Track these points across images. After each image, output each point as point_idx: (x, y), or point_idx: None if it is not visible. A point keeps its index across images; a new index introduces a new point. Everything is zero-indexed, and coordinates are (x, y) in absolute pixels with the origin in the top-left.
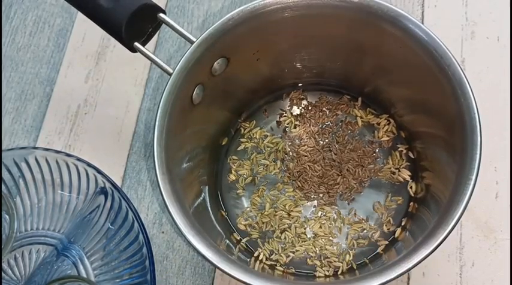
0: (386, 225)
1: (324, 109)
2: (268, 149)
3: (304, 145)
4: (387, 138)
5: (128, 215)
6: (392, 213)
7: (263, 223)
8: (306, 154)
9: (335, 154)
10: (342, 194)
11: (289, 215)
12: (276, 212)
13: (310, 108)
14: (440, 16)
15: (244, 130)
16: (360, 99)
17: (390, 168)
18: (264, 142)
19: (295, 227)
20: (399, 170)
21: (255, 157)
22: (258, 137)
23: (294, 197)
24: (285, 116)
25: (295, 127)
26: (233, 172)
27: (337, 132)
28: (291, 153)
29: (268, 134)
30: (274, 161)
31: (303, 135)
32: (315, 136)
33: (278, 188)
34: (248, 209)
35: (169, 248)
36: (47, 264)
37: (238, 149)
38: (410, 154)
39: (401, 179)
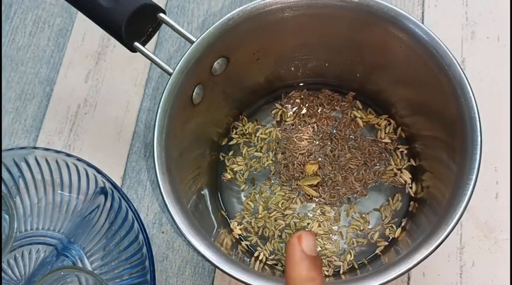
0: (389, 229)
1: (323, 103)
2: (261, 141)
3: (300, 132)
4: (390, 140)
5: (127, 215)
6: (395, 217)
7: (258, 227)
8: (300, 141)
9: (335, 148)
10: (342, 196)
11: (283, 214)
12: (270, 214)
13: (311, 98)
14: (440, 16)
15: (237, 129)
16: (357, 101)
17: (393, 169)
18: (257, 134)
19: (295, 223)
20: (401, 171)
21: (247, 151)
22: (250, 131)
23: (285, 194)
24: (278, 108)
25: (290, 117)
26: (228, 170)
27: (338, 126)
28: (283, 142)
29: (260, 126)
30: (266, 152)
31: (298, 125)
32: (313, 126)
33: (269, 182)
34: (240, 214)
35: (169, 248)
36: (47, 264)
37: (230, 143)
38: (412, 162)
39: (403, 181)
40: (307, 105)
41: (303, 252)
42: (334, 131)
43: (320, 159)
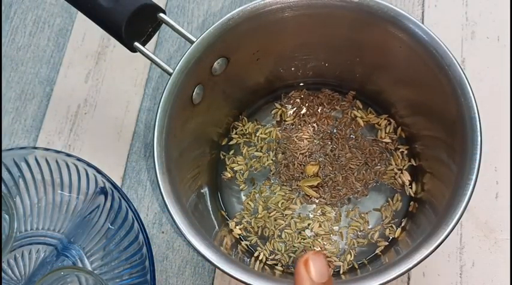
0: (389, 229)
1: (323, 102)
2: (261, 141)
3: (300, 132)
4: (391, 140)
5: (127, 215)
6: (395, 217)
7: (258, 227)
8: (301, 141)
9: (335, 148)
10: (343, 197)
11: (283, 214)
12: (269, 213)
13: (311, 98)
14: (440, 16)
15: (237, 129)
16: (357, 101)
17: (393, 169)
18: (257, 134)
19: (295, 223)
20: (402, 172)
21: (247, 150)
22: (250, 131)
23: (285, 194)
24: (278, 108)
25: (290, 116)
26: (228, 169)
27: (338, 126)
28: (283, 142)
29: (260, 126)
30: (267, 152)
31: (298, 124)
32: (313, 125)
33: (269, 182)
34: (240, 214)
35: (169, 248)
36: (47, 264)
37: (231, 143)
38: (412, 162)
39: (401, 182)
40: (307, 104)
41: (311, 281)
42: (335, 131)
43: (321, 159)
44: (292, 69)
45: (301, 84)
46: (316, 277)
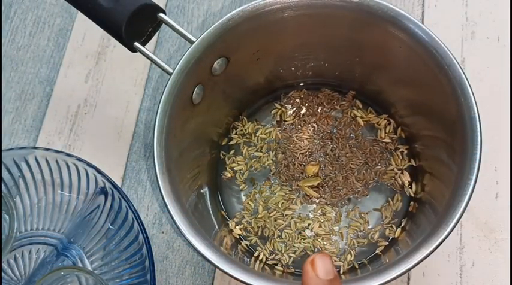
0: (389, 229)
1: (323, 102)
2: (261, 141)
3: (300, 132)
4: (391, 140)
5: (127, 215)
6: (395, 217)
7: (258, 227)
8: (301, 141)
9: (335, 148)
10: (343, 197)
11: (283, 214)
12: (269, 213)
13: (311, 97)
14: (440, 16)
15: (237, 129)
16: (357, 101)
17: (393, 169)
18: (257, 134)
19: (295, 223)
20: (402, 172)
21: (247, 150)
22: (250, 131)
23: (285, 194)
24: (278, 108)
25: (289, 117)
26: (228, 169)
27: (338, 126)
28: (283, 142)
29: (260, 126)
30: (267, 152)
31: (298, 124)
32: (313, 125)
33: (269, 182)
34: (240, 214)
35: (169, 248)
36: (47, 264)
37: (231, 143)
38: (412, 162)
39: (401, 183)
40: (306, 104)
41: (318, 279)
42: (335, 130)
43: (321, 159)
44: (292, 69)
45: (301, 84)
46: (321, 274)
